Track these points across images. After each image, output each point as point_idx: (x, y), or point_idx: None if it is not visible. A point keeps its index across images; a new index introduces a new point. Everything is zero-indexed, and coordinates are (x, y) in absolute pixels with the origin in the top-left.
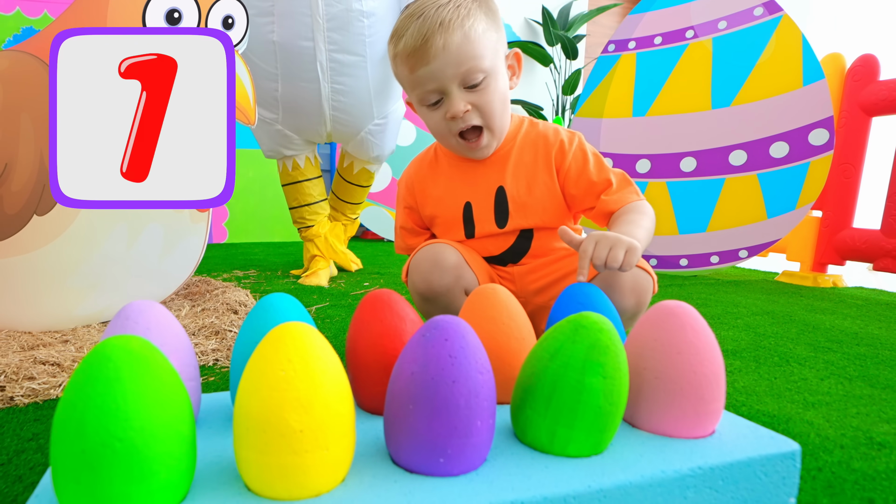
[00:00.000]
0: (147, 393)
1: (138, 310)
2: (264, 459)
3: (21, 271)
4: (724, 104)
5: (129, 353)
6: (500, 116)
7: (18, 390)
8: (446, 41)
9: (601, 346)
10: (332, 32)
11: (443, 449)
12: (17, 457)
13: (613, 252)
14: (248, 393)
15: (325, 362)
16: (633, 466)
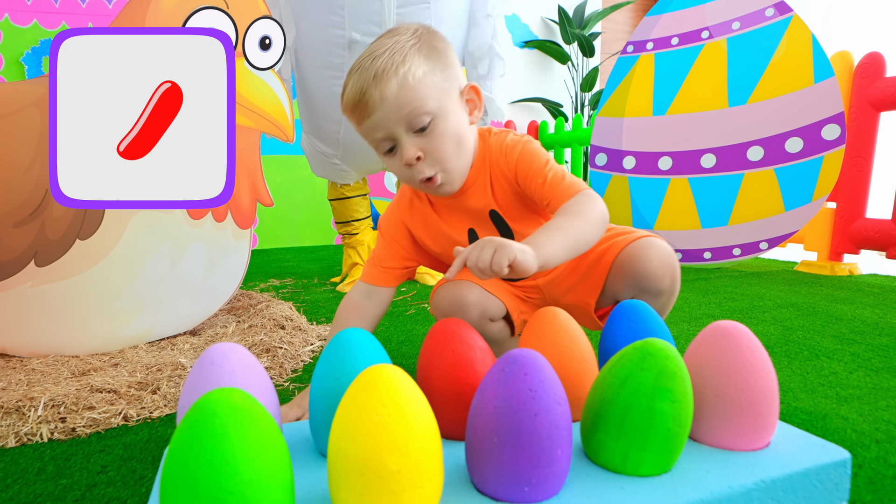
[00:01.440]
0: (252, 445)
1: (222, 353)
2: (364, 501)
3: (66, 296)
4: (741, 102)
5: (233, 407)
6: (454, 157)
7: (80, 421)
8: (382, 92)
9: (669, 372)
10: None
11: (527, 478)
12: (90, 491)
13: (483, 253)
14: (344, 438)
15: (416, 404)
16: (701, 484)
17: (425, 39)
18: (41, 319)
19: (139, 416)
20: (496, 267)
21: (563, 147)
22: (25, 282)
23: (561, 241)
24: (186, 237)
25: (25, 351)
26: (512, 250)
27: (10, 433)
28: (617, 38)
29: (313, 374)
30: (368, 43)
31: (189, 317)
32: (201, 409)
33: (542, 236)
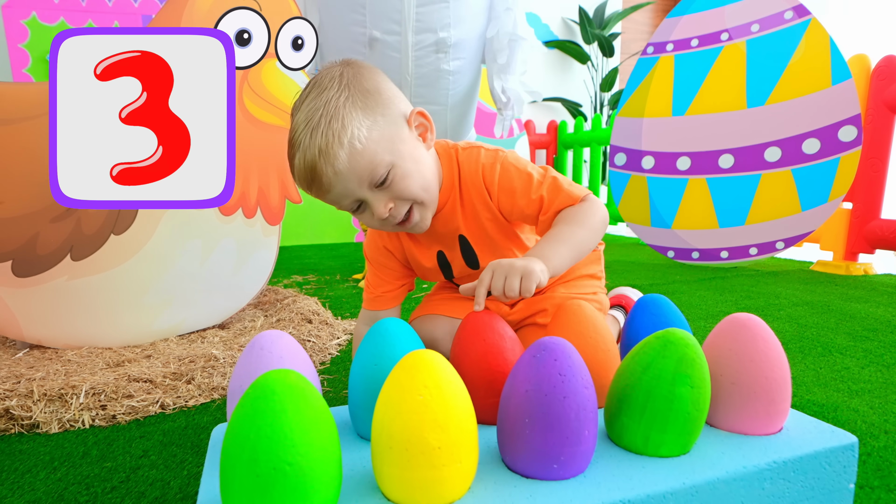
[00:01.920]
0: (306, 421)
1: (270, 340)
2: (406, 474)
3: (100, 289)
4: (759, 103)
5: (289, 386)
6: (423, 190)
7: (119, 408)
8: (334, 167)
9: (688, 359)
10: (420, 88)
11: (556, 456)
12: (135, 474)
13: (508, 281)
14: (389, 416)
15: (455, 386)
16: (718, 464)
17: (354, 86)
18: (76, 312)
19: (175, 404)
20: (525, 293)
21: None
22: (61, 275)
23: (566, 253)
24: (217, 233)
25: (60, 343)
26: (536, 275)
27: (54, 419)
28: (637, 39)
29: (353, 361)
30: (389, 41)
31: (218, 311)
32: (261, 388)
33: (549, 249)
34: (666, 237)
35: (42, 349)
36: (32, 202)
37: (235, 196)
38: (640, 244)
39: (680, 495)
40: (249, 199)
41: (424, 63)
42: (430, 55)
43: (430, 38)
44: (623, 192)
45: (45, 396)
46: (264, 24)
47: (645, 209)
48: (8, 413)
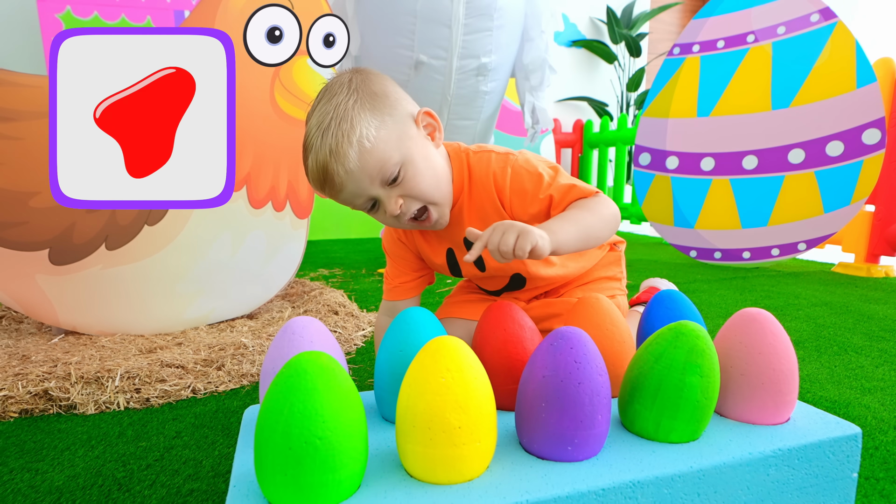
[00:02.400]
0: (335, 399)
1: (301, 325)
2: (429, 452)
3: (133, 278)
4: (783, 105)
5: (320, 366)
6: (435, 189)
7: (153, 392)
8: (345, 166)
9: (699, 349)
10: (457, 106)
11: (570, 439)
12: (168, 453)
13: (505, 237)
14: (413, 397)
15: (475, 370)
16: (725, 450)
17: (362, 89)
18: (109, 300)
19: (206, 389)
20: (519, 251)
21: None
22: (96, 264)
23: (573, 231)
24: (247, 225)
25: (94, 329)
26: (533, 235)
27: (90, 401)
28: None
29: (380, 347)
30: (434, 65)
31: (247, 301)
32: (294, 367)
33: (556, 224)
34: (689, 237)
35: (77, 335)
36: None
37: (265, 189)
38: (663, 243)
39: (688, 478)
40: (279, 192)
41: (465, 85)
42: (470, 78)
43: (473, 64)
44: (647, 191)
45: (81, 379)
46: (296, 22)
47: (668, 209)
48: (47, 394)
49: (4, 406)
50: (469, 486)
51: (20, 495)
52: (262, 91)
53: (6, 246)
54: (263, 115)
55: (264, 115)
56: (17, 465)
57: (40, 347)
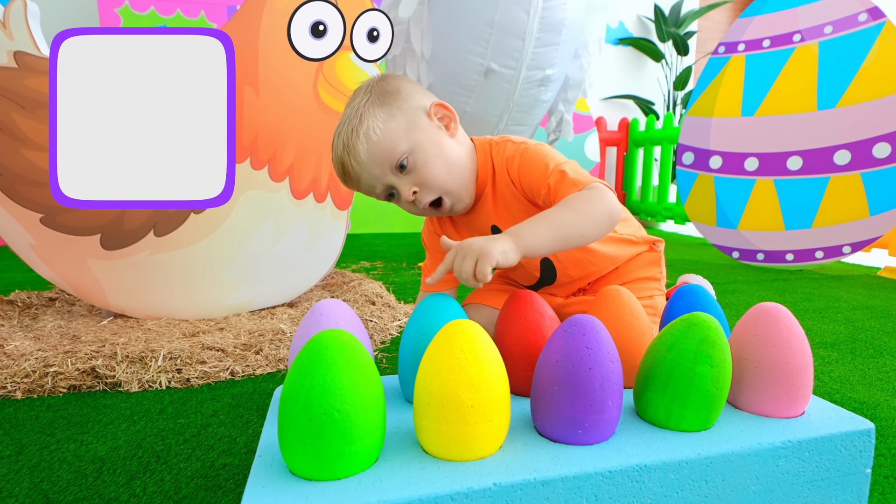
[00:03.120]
0: (355, 374)
1: (328, 307)
2: (442, 429)
3: (179, 264)
4: (830, 105)
5: (341, 343)
6: (446, 176)
7: (193, 373)
8: (356, 158)
9: (710, 340)
10: (517, 113)
11: (581, 423)
12: (205, 430)
13: (465, 263)
14: (429, 376)
15: (489, 352)
16: (734, 440)
17: (376, 89)
18: (156, 285)
19: (244, 372)
20: (480, 276)
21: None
22: (144, 250)
23: (546, 234)
24: (289, 215)
25: (141, 313)
26: (493, 257)
27: (134, 379)
28: (713, 38)
29: (403, 331)
30: (504, 73)
31: (287, 290)
32: (316, 343)
33: (528, 227)
34: (731, 237)
35: (125, 318)
36: None
37: (307, 181)
38: (706, 244)
39: (695, 465)
40: (320, 184)
41: (527, 94)
42: (533, 88)
43: (538, 75)
44: (690, 191)
45: (126, 358)
46: (340, 17)
47: (711, 209)
48: (94, 371)
49: (55, 382)
50: (480, 463)
51: (65, 463)
52: (305, 85)
53: (60, 230)
54: (307, 109)
55: (308, 109)
56: (63, 436)
57: (90, 328)
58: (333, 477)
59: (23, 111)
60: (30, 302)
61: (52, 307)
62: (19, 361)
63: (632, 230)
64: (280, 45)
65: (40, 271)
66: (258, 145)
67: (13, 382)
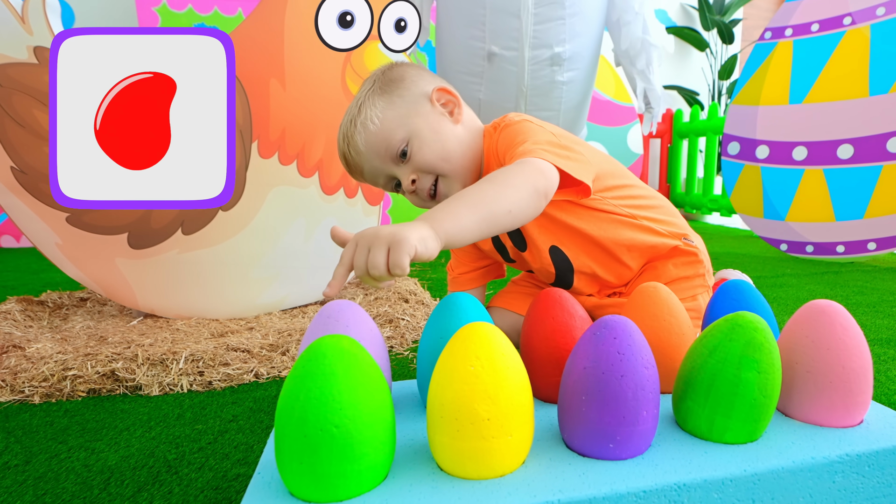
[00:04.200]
0: (356, 385)
1: (339, 309)
2: (456, 444)
3: (208, 263)
4: (882, 91)
5: (341, 350)
6: (442, 160)
7: (216, 375)
8: (355, 148)
9: (756, 343)
10: (534, 98)
11: (612, 436)
12: (222, 436)
13: (371, 256)
14: (442, 386)
15: (508, 358)
16: (785, 453)
17: (381, 78)
18: (186, 284)
19: (269, 374)
20: (397, 270)
21: (697, 136)
22: (173, 248)
23: (466, 212)
24: (320, 211)
25: (171, 313)
26: (409, 244)
27: (155, 382)
28: (759, 26)
29: (422, 333)
30: (507, 56)
31: (320, 287)
32: (313, 352)
33: (445, 210)
34: (779, 229)
35: (154, 318)
36: None
37: (337, 175)
38: (753, 236)
39: (740, 483)
40: (350, 179)
41: (539, 76)
42: (544, 68)
43: (546, 53)
44: (736, 182)
45: (147, 361)
46: (367, 7)
47: (758, 200)
48: (114, 375)
49: (73, 385)
50: (499, 481)
51: (73, 473)
52: (333, 76)
53: (87, 230)
54: (335, 101)
55: (336, 101)
56: (76, 444)
57: (118, 329)
58: (334, 498)
59: (44, 108)
60: (60, 302)
61: (83, 307)
62: (38, 365)
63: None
64: (306, 37)
65: (68, 271)
66: (286, 140)
67: (31, 387)
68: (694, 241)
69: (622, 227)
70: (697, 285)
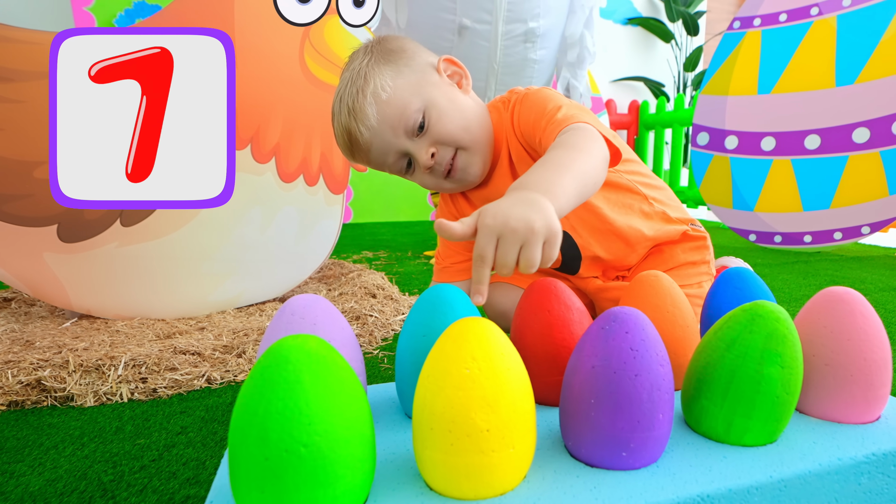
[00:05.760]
0: (328, 395)
1: (303, 305)
2: (450, 460)
3: (154, 257)
4: (848, 82)
5: (308, 353)
6: (464, 131)
7: (161, 382)
8: (365, 122)
9: (779, 335)
10: (505, 76)
11: (626, 443)
12: (168, 452)
13: (529, 251)
14: (431, 392)
15: (509, 359)
16: (809, 455)
17: (378, 49)
18: (128, 281)
19: (223, 378)
20: (548, 265)
21: (663, 127)
22: (111, 241)
23: (571, 183)
24: (277, 201)
25: (111, 313)
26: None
27: (89, 392)
28: (722, 18)
29: (401, 330)
30: (479, 29)
31: (279, 283)
32: (273, 356)
33: (553, 181)
34: (748, 220)
35: (91, 319)
36: None
37: (296, 162)
38: (722, 227)
39: (766, 490)
40: (311, 165)
41: (512, 52)
42: (518, 45)
43: (520, 28)
44: (705, 172)
45: (80, 367)
46: None
47: (727, 191)
48: (40, 384)
49: None
50: (500, 501)
51: None
52: (291, 53)
53: (9, 221)
54: (293, 80)
55: (294, 80)
56: None
57: (48, 332)
58: None
59: None
60: None
61: (7, 308)
62: None
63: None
64: (260, 9)
65: None
66: (238, 122)
67: None
68: (700, 228)
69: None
70: (703, 272)
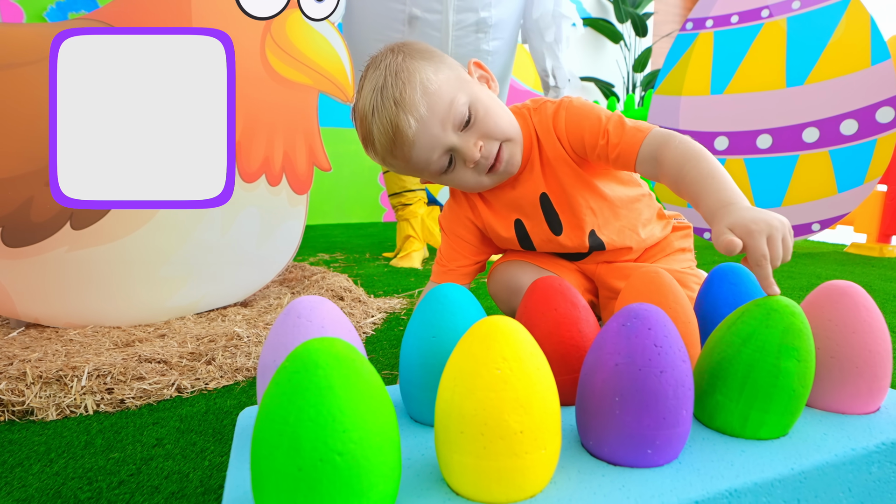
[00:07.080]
0: (359, 400)
1: (309, 307)
2: (483, 464)
3: (107, 261)
4: (798, 83)
5: (336, 357)
6: (508, 126)
7: (129, 392)
8: (415, 114)
9: (795, 329)
10: None
11: (651, 440)
12: (147, 465)
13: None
14: (459, 395)
15: (537, 358)
16: (823, 446)
17: (406, 49)
18: (79, 287)
19: (194, 387)
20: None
21: None
22: (61, 245)
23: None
24: (238, 201)
25: (61, 321)
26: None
27: (51, 405)
28: (668, 20)
29: (405, 333)
30: (429, 19)
31: (240, 287)
32: (301, 361)
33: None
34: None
35: (40, 328)
36: (25, 162)
37: (257, 161)
38: None
39: (788, 482)
40: (273, 165)
41: (464, 43)
42: (470, 35)
43: (472, 18)
44: None
45: (39, 379)
46: None
47: None
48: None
49: None
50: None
51: None
52: (251, 49)
53: None
54: (254, 77)
55: (255, 77)
56: None
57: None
58: None
59: None
60: None
61: None
62: None
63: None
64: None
65: None
66: None
67: None
68: (683, 219)
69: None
70: (691, 258)
